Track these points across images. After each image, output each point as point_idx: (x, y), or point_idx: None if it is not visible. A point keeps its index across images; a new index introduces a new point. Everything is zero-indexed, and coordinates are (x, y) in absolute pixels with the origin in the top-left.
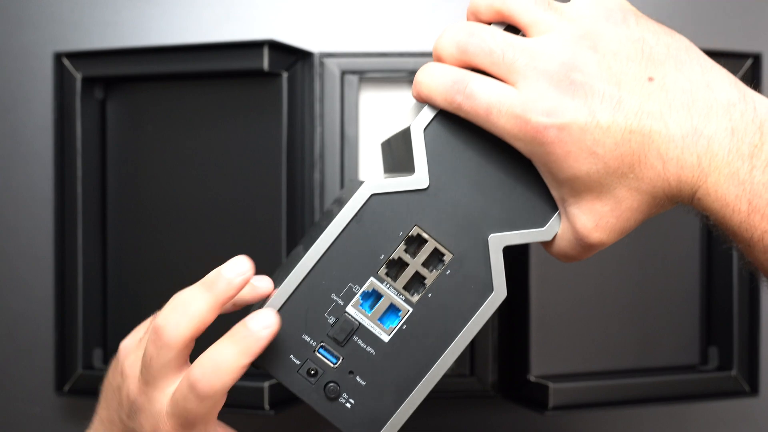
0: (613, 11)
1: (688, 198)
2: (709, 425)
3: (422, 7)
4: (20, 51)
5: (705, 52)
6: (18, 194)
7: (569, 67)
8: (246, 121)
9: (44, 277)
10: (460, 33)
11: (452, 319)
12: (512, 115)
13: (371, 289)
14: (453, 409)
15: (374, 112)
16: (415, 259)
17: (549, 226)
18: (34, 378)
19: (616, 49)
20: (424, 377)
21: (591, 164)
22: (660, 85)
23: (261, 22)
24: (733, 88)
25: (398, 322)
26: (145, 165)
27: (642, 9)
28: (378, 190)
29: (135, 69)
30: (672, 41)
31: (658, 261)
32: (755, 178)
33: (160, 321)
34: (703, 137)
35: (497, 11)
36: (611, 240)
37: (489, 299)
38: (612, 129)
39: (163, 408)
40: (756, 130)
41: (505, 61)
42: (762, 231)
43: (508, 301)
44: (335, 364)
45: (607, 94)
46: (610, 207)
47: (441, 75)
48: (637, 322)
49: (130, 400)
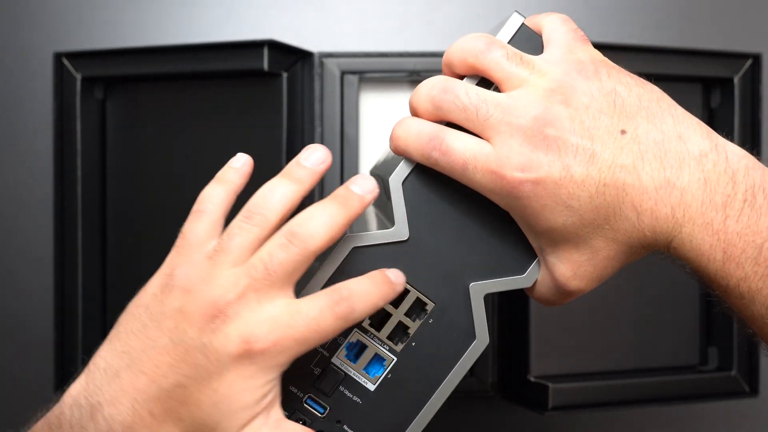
0: (585, 64)
1: (664, 247)
2: (709, 425)
3: (422, 7)
4: (20, 51)
5: (705, 52)
6: (18, 194)
7: (542, 122)
8: (246, 121)
9: (44, 278)
10: (434, 89)
11: (436, 367)
12: (488, 171)
13: (355, 340)
14: (453, 409)
15: (374, 112)
16: (398, 309)
17: (528, 274)
18: (34, 378)
19: (588, 102)
20: (411, 425)
21: (567, 217)
22: (632, 138)
23: (261, 22)
24: (705, 138)
25: (383, 372)
26: (145, 165)
27: (642, 10)
28: (359, 243)
29: (135, 69)
30: (644, 92)
31: (658, 261)
32: (729, 227)
33: (296, 228)
34: (676, 189)
35: (471, 66)
36: (589, 287)
37: (472, 346)
38: (586, 183)
39: (272, 316)
40: (728, 180)
41: (478, 117)
42: (737, 279)
43: (508, 301)
44: (323, 414)
45: (581, 148)
46: (587, 257)
47: (417, 131)
48: (637, 323)
49: (216, 308)
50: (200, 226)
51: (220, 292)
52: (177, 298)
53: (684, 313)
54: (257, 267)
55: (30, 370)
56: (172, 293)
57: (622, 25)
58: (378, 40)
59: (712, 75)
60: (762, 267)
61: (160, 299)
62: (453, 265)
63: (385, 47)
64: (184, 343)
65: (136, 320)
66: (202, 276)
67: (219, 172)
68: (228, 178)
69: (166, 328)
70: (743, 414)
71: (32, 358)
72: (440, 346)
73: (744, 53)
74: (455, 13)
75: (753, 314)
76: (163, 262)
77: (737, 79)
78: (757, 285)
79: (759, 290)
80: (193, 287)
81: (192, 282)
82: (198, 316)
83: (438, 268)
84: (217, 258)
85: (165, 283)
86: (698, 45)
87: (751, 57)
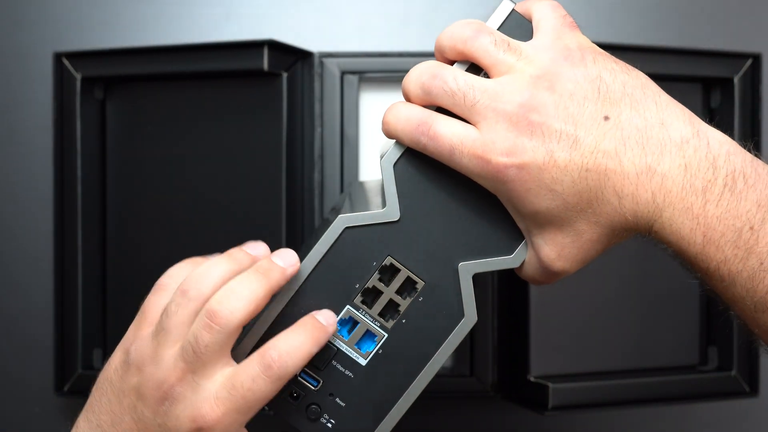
0: (572, 50)
1: (646, 230)
2: (709, 425)
3: (422, 7)
4: (20, 51)
5: (705, 52)
6: (18, 194)
7: (527, 108)
8: (246, 121)
9: (44, 277)
10: (424, 75)
11: (426, 344)
12: (474, 156)
13: (348, 317)
14: (453, 409)
15: (374, 112)
16: (389, 287)
17: (516, 254)
18: (34, 378)
19: (573, 89)
20: (400, 398)
21: (550, 200)
22: (615, 124)
23: (261, 22)
24: (687, 125)
25: (374, 347)
26: (145, 165)
27: (643, 10)
28: (351, 223)
29: (135, 69)
30: (628, 79)
31: (658, 261)
32: (709, 212)
33: (216, 306)
34: (657, 174)
35: (460, 52)
36: (574, 268)
37: (460, 324)
38: (569, 168)
39: (212, 393)
40: (709, 166)
41: (466, 103)
42: (717, 262)
43: (508, 301)
44: (316, 387)
45: (564, 134)
46: (571, 239)
47: (407, 116)
48: (637, 322)
49: (162, 391)
50: (159, 302)
51: (164, 375)
52: (133, 375)
53: (684, 313)
54: (188, 351)
55: (30, 370)
56: (129, 371)
57: (622, 25)
58: (378, 40)
59: (712, 75)
60: (741, 250)
61: (120, 375)
62: (442, 245)
63: (385, 47)
64: (143, 422)
65: (103, 395)
66: (150, 354)
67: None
68: (196, 260)
69: (127, 406)
70: (743, 414)
71: (32, 358)
72: (429, 324)
73: (744, 53)
74: (455, 13)
75: (734, 296)
76: (127, 331)
77: (737, 79)
78: (737, 267)
79: (739, 272)
80: (143, 366)
81: (143, 360)
82: (150, 398)
83: (428, 247)
84: (160, 338)
85: (123, 359)
86: (698, 45)
87: (751, 57)
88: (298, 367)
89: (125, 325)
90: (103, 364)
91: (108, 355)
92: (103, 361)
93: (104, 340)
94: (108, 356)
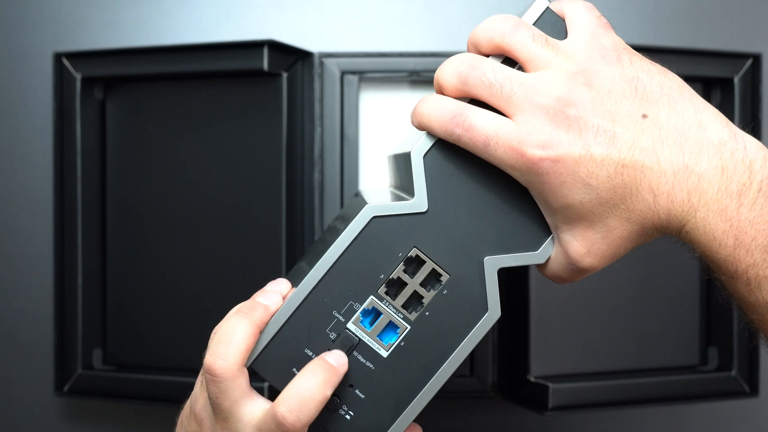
0: (607, 50)
1: (677, 230)
2: (709, 425)
3: (422, 7)
4: (20, 51)
5: (705, 52)
6: (18, 194)
7: (564, 102)
8: (246, 121)
9: (44, 277)
10: (462, 65)
11: (448, 337)
12: (509, 147)
13: (371, 307)
14: (453, 409)
15: (374, 112)
16: (413, 279)
17: (542, 250)
18: (34, 378)
19: (610, 86)
20: (421, 392)
21: (584, 194)
22: (653, 122)
23: (261, 22)
24: (724, 127)
25: (396, 339)
26: (145, 165)
27: (643, 11)
28: (379, 212)
29: (135, 69)
30: (665, 80)
31: (658, 261)
32: (742, 215)
33: (210, 360)
34: (693, 174)
35: (497, 46)
36: (602, 265)
37: (483, 318)
38: (605, 162)
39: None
40: (745, 169)
41: (503, 94)
42: (746, 265)
43: (508, 301)
44: None
45: (602, 129)
46: (602, 235)
47: (441, 107)
48: (637, 323)
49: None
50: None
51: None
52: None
53: (684, 314)
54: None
55: (30, 370)
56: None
57: (623, 26)
58: (378, 40)
59: (712, 75)
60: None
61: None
62: (469, 238)
63: (385, 47)
64: None
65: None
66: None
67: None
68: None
69: None
70: (743, 414)
71: (32, 358)
72: (453, 317)
73: (744, 53)
74: (455, 13)
75: (757, 300)
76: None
77: (737, 79)
78: (764, 272)
79: (766, 277)
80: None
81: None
82: None
83: (454, 240)
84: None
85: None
86: (698, 45)
87: (751, 57)
88: (313, 415)
89: (125, 325)
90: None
91: (108, 355)
92: (103, 361)
93: (104, 340)
94: (108, 356)
